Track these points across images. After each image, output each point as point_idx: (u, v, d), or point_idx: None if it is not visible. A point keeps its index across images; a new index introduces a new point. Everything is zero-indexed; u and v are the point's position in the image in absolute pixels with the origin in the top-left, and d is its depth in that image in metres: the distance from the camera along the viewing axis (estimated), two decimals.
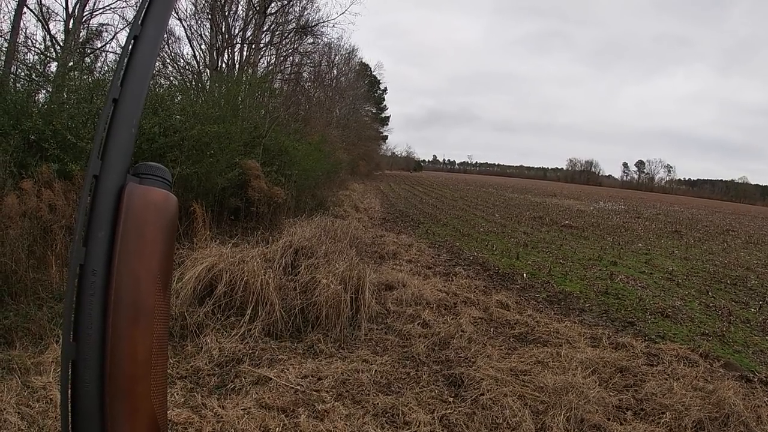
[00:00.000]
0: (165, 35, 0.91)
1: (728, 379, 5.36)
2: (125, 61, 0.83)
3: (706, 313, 8.59)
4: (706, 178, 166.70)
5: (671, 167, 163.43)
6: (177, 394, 4.36)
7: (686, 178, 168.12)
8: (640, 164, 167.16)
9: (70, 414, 0.77)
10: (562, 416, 4.29)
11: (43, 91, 9.91)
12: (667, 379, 5.27)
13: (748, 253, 17.50)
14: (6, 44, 13.09)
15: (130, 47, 0.83)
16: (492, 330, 6.71)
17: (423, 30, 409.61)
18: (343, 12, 38.46)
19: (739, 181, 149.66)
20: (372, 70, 62.09)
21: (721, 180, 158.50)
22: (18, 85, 9.39)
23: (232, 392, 4.54)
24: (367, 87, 58.56)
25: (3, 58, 10.44)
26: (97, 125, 0.81)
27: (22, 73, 9.99)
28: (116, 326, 0.77)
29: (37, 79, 9.63)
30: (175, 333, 5.66)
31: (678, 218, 33.72)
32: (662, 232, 22.67)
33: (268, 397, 4.38)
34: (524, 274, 10.37)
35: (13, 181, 6.89)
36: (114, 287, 0.77)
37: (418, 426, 4.15)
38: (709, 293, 10.14)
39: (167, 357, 0.85)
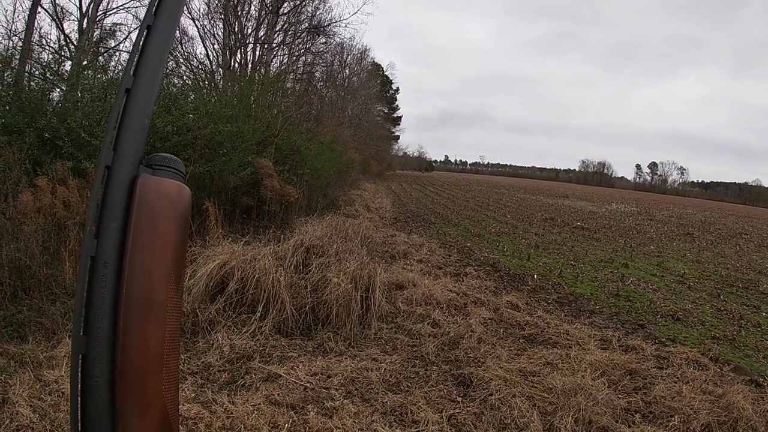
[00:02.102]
0: (178, 27, 0.90)
1: (738, 383, 5.32)
2: (138, 50, 0.82)
3: (717, 316, 8.54)
4: (719, 181, 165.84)
5: (684, 169, 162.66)
6: (188, 389, 4.39)
7: (699, 181, 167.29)
8: (653, 166, 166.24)
9: (80, 409, 0.76)
10: (571, 418, 4.29)
11: (58, 90, 10.00)
12: (676, 383, 5.25)
13: (760, 257, 17.38)
14: (21, 43, 13.23)
15: (143, 37, 0.82)
16: (502, 331, 6.71)
17: (434, 31, 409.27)
18: (356, 12, 38.38)
19: (753, 184, 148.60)
20: (384, 70, 61.91)
21: (735, 183, 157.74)
22: (32, 83, 9.47)
23: (242, 388, 4.58)
24: (379, 87, 58.43)
25: (18, 57, 10.54)
26: (110, 116, 0.80)
27: (37, 72, 10.08)
28: (128, 320, 0.76)
29: (51, 78, 9.71)
30: (186, 329, 5.70)
31: (690, 221, 33.51)
32: (674, 234, 22.55)
33: (278, 394, 4.41)
34: (535, 276, 10.35)
35: (27, 178, 6.96)
36: (126, 280, 0.76)
37: (427, 425, 4.16)
38: (721, 297, 10.08)
39: (180, 352, 0.84)
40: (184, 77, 18.36)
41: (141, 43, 0.82)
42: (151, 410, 0.79)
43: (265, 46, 24.98)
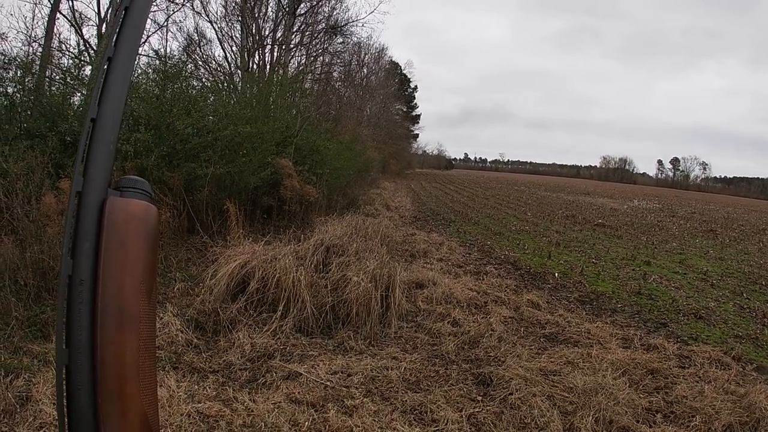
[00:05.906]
0: (138, 55, 0.95)
1: (760, 382, 5.26)
2: (101, 81, 0.86)
3: (740, 315, 8.43)
4: (742, 176, 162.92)
5: (707, 165, 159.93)
6: (209, 387, 4.44)
7: (722, 176, 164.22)
8: (675, 162, 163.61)
9: (66, 415, 0.81)
10: (591, 417, 4.26)
11: (78, 94, 10.13)
12: (698, 382, 5.20)
13: None
14: (41, 49, 13.42)
15: (105, 68, 0.86)
16: (522, 329, 6.68)
17: (450, 28, 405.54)
18: (372, 11, 38.54)
19: None
20: (402, 68, 61.86)
21: (758, 178, 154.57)
22: (53, 88, 9.60)
23: (263, 386, 4.61)
24: (397, 85, 58.39)
25: (38, 63, 10.69)
26: (78, 144, 0.85)
27: (57, 77, 10.23)
28: (104, 331, 0.81)
29: (72, 82, 9.84)
30: (208, 328, 5.80)
31: (713, 217, 33.05)
32: (697, 231, 22.26)
33: (298, 392, 4.44)
34: (556, 274, 10.30)
35: (50, 181, 7.05)
36: (100, 295, 0.81)
37: (446, 424, 4.16)
38: (744, 295, 9.94)
39: (155, 358, 0.89)
40: (203, 79, 18.51)
41: (104, 73, 0.86)
42: (131, 413, 0.84)
43: (283, 47, 25.10)
